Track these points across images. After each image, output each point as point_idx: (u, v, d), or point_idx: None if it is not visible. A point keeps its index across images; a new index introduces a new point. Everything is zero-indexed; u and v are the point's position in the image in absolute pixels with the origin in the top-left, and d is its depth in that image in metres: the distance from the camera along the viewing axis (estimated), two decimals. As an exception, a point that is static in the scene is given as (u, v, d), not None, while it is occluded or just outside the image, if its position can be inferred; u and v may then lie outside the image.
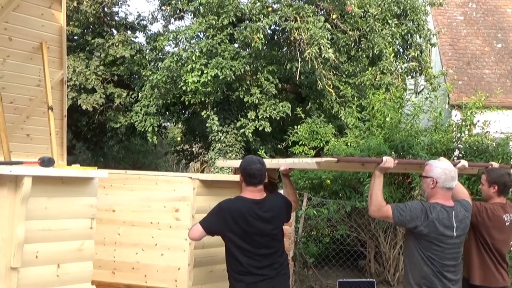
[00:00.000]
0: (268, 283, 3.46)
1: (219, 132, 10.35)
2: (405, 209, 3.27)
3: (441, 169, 3.37)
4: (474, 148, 6.67)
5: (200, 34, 10.41)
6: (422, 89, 11.87)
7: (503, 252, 3.91)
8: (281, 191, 4.03)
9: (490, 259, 3.84)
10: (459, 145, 7.01)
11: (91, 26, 12.32)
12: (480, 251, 3.84)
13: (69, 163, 5.28)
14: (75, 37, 12.36)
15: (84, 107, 11.14)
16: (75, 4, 11.08)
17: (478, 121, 7.08)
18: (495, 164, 4.22)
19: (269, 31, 10.69)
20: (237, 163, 4.00)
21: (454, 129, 7.16)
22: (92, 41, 11.57)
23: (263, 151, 8.35)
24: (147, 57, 11.65)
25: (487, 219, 3.80)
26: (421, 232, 3.25)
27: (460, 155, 6.97)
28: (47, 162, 2.96)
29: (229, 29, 9.80)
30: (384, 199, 3.35)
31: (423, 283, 3.28)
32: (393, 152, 6.37)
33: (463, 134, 7.09)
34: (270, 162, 3.91)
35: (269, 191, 3.69)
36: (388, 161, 3.32)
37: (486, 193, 3.99)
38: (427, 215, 3.25)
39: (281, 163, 3.78)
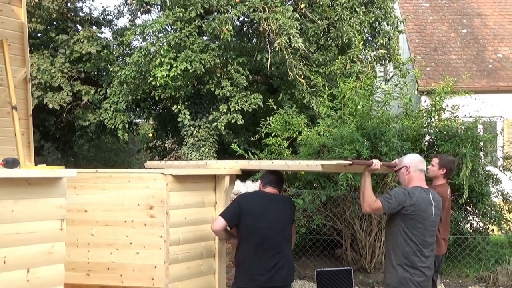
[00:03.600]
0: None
1: (191, 127, 10.24)
2: (391, 197, 3.65)
3: (409, 157, 3.94)
4: (444, 132, 6.76)
5: (168, 27, 10.25)
6: (392, 76, 11.99)
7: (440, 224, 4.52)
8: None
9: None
10: (429, 130, 7.10)
11: (54, 23, 12.02)
12: None
13: (38, 164, 5.13)
14: (38, 34, 12.03)
15: (50, 106, 10.86)
16: (36, 0, 10.76)
17: (447, 106, 7.18)
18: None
19: (237, 23, 10.61)
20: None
21: (424, 114, 7.24)
22: (56, 37, 11.28)
23: (236, 144, 8.30)
24: (114, 53, 11.43)
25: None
26: (407, 212, 3.63)
27: (431, 140, 7.07)
28: (11, 163, 2.85)
29: (197, 21, 9.67)
30: (359, 187, 3.52)
31: (405, 262, 3.65)
32: (365, 140, 6.41)
33: (433, 120, 7.18)
34: (281, 164, 4.39)
35: None
36: (377, 164, 3.79)
37: (435, 173, 4.72)
38: (410, 196, 3.65)
39: (289, 164, 4.17)
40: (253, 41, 10.93)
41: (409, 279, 3.62)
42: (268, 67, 9.79)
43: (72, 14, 12.04)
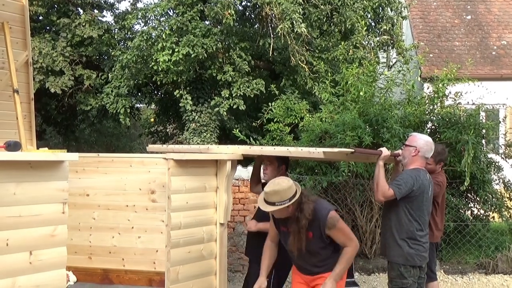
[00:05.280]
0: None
1: (193, 112, 10.22)
2: (401, 184, 3.81)
3: (424, 140, 3.97)
4: (447, 119, 6.74)
5: (170, 11, 10.18)
6: (395, 63, 11.93)
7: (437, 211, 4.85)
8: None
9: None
10: (432, 117, 7.08)
11: (55, 6, 11.93)
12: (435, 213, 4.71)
13: (40, 147, 5.14)
14: (40, 18, 11.95)
15: (52, 90, 10.84)
16: (37, -18, 10.68)
17: (450, 92, 7.14)
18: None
19: (240, 7, 10.53)
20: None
21: (427, 101, 7.21)
22: (58, 21, 11.20)
23: (237, 129, 8.28)
24: (116, 37, 11.37)
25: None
26: (415, 194, 3.82)
27: (433, 127, 7.05)
28: (13, 146, 2.86)
29: (199, 5, 9.60)
30: (360, 174, 3.57)
31: (410, 240, 3.87)
32: (368, 126, 6.39)
33: (435, 106, 7.14)
34: (283, 151, 4.30)
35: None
36: (385, 151, 3.95)
37: (433, 169, 4.66)
38: (417, 180, 3.83)
39: (291, 151, 4.18)
40: (256, 26, 10.84)
41: (414, 255, 3.87)
42: (271, 53, 9.73)
43: (74, -3, 11.96)
